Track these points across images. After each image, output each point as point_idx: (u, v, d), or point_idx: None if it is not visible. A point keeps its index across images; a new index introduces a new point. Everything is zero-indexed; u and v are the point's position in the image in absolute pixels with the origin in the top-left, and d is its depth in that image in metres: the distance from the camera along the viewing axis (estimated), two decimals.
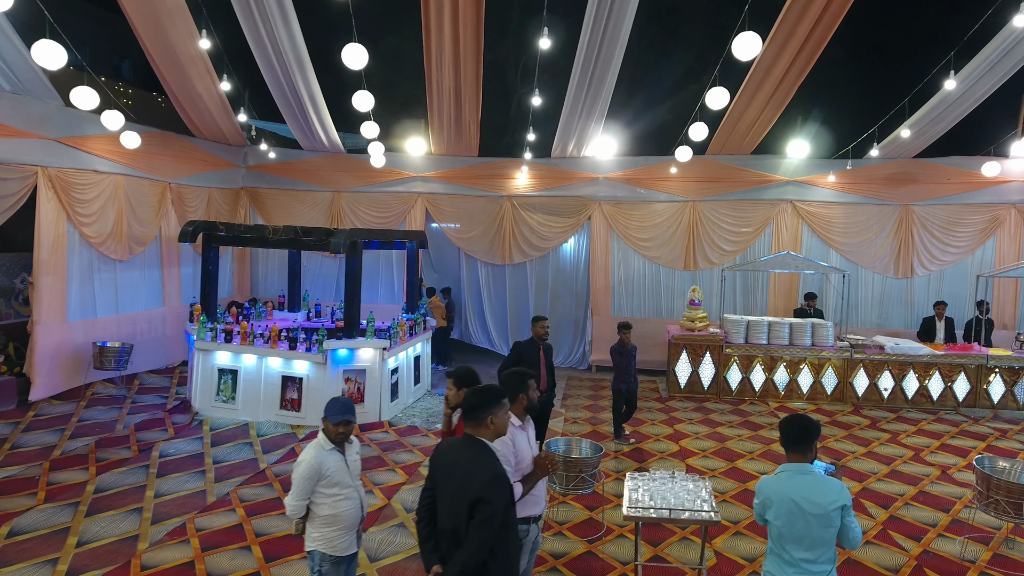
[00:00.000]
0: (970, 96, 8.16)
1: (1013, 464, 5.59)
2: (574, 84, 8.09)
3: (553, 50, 6.83)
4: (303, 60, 7.70)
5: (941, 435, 8.82)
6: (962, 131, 10.89)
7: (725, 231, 11.89)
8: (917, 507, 6.52)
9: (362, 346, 8.73)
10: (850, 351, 10.13)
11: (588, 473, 5.72)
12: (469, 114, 9.91)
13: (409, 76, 9.03)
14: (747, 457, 7.86)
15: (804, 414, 3.62)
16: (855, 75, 8.35)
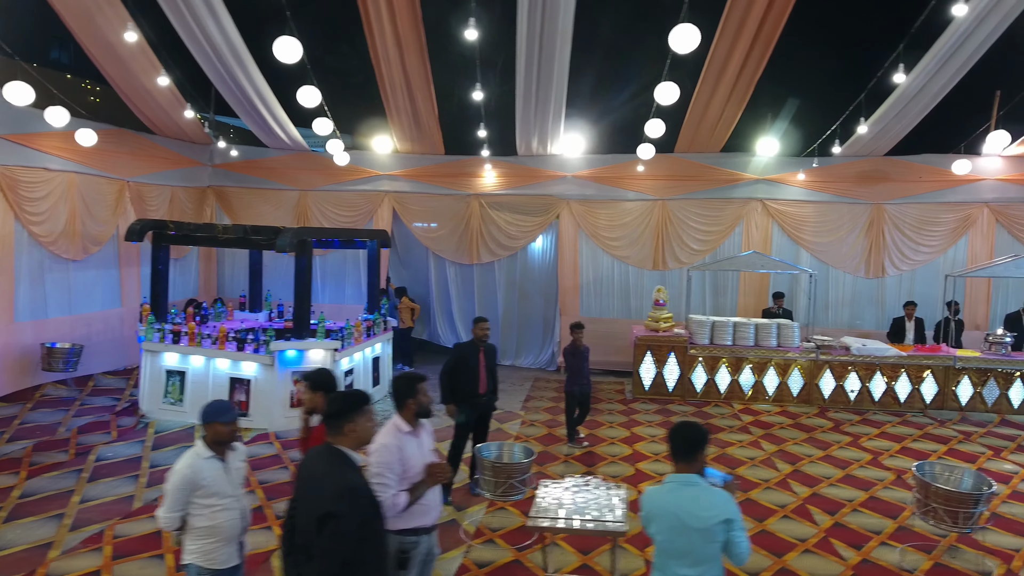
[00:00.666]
0: (929, 91, 7.97)
1: (953, 471, 5.42)
2: (520, 79, 7.90)
3: (501, 44, 6.68)
4: (240, 53, 7.51)
5: (903, 438, 8.64)
6: (934, 128, 10.71)
7: (694, 230, 11.72)
8: (866, 514, 6.34)
9: (312, 347, 8.56)
10: (816, 352, 9.95)
11: (518, 479, 5.54)
12: (425, 111, 9.73)
13: (370, 72, 8.83)
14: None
15: (692, 421, 3.44)
16: (816, 70, 8.15)
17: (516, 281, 12.57)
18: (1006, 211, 11.03)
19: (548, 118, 9.42)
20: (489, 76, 7.77)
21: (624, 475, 7.25)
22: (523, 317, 12.64)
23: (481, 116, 9.93)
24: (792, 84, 8.21)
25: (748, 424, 9.16)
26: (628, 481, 7.02)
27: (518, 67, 7.49)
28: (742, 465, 7.55)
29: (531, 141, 10.96)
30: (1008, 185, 11.00)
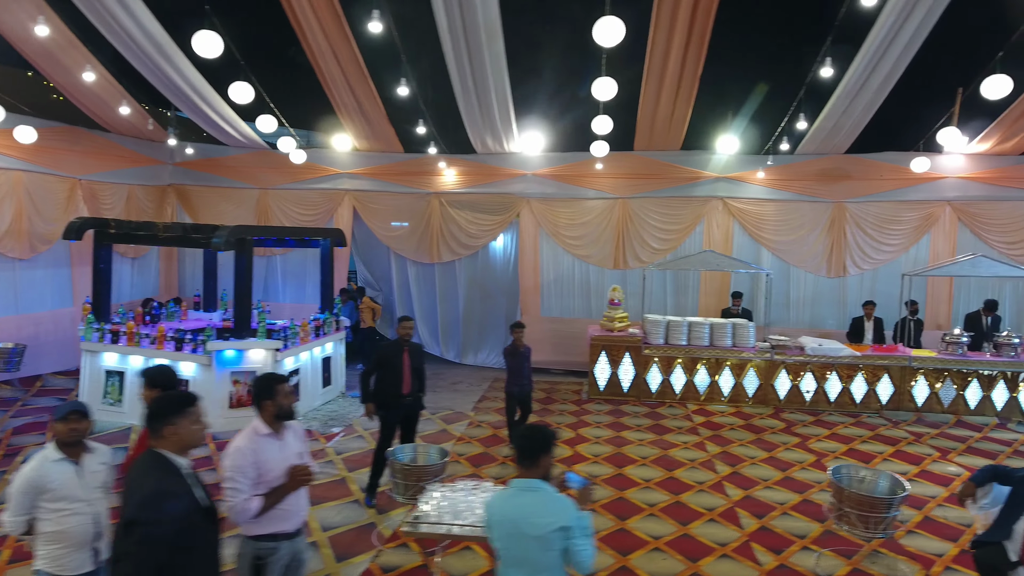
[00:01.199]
0: (871, 87, 7.81)
1: (873, 474, 5.29)
2: (454, 77, 7.75)
3: (426, 39, 6.58)
4: (164, 47, 7.36)
5: (853, 440, 8.51)
6: (895, 125, 10.58)
7: (655, 229, 11.59)
8: (795, 517, 6.22)
9: (252, 347, 8.45)
10: (771, 352, 9.82)
11: (429, 481, 5.42)
12: (371, 108, 9.58)
13: (311, 68, 8.70)
14: (638, 463, 7.56)
15: (537, 425, 3.32)
16: (757, 66, 8.00)
17: (478, 280, 12.46)
18: (968, 209, 10.89)
19: (494, 116, 9.29)
20: (425, 72, 7.64)
21: (485, 482, 7.11)
22: (485, 316, 12.53)
23: (428, 114, 9.81)
24: (737, 81, 8.06)
25: (698, 425, 9.04)
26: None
27: (448, 64, 7.36)
28: (681, 467, 7.43)
29: (485, 139, 10.84)
30: (970, 183, 10.86)
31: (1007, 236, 10.81)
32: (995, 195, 10.80)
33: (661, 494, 6.67)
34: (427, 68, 7.66)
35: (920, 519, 6.18)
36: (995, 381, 9.50)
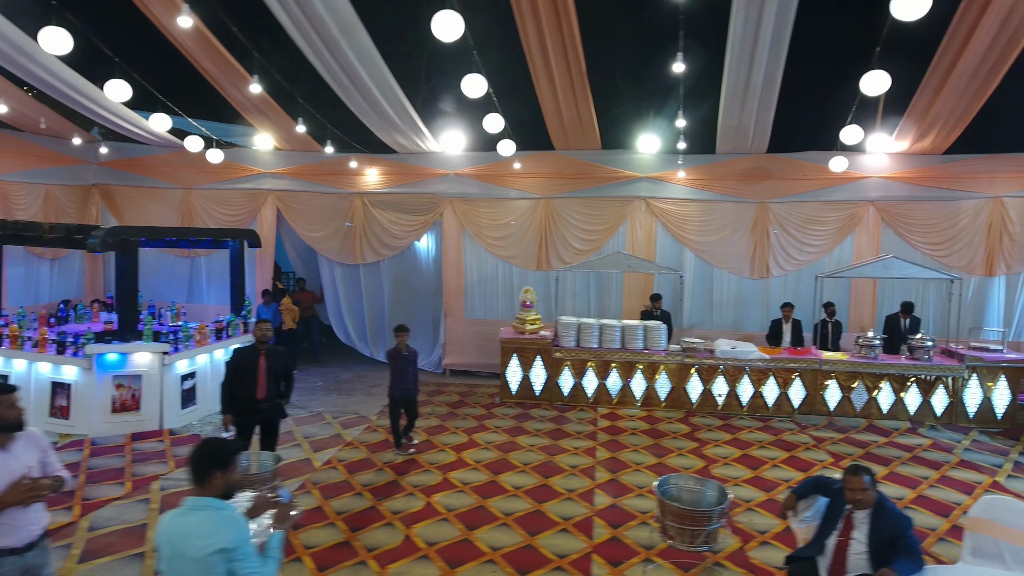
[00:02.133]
0: (755, 87, 7.61)
1: (700, 485, 5.11)
2: (325, 74, 7.56)
3: (276, 35, 6.42)
4: (18, 42, 7.13)
5: (751, 444, 8.33)
6: (817, 125, 10.40)
7: (578, 229, 11.42)
8: (652, 527, 6.03)
9: (137, 350, 8.29)
10: (681, 355, 9.64)
11: (257, 489, 5.25)
12: (264, 105, 9.37)
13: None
14: (518, 469, 7.38)
15: (213, 438, 3.13)
16: (640, 63, 7.82)
17: (405, 280, 12.31)
18: (891, 209, 10.71)
19: (387, 113, 9.10)
20: (298, 69, 7.45)
21: (430, 483, 6.96)
22: (412, 316, 12.33)
23: (321, 112, 9.64)
24: (629, 80, 7.89)
25: (601, 429, 8.87)
26: (431, 491, 6.74)
27: (312, 61, 7.16)
28: (560, 474, 7.26)
29: (395, 138, 10.67)
30: (893, 183, 10.68)
31: (930, 237, 10.63)
32: (918, 195, 10.62)
33: (524, 503, 6.50)
34: (288, 64, 7.47)
35: (782, 529, 6.00)
36: (908, 384, 9.32)
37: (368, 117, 9.29)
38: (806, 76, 8.13)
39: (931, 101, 7.95)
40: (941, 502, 6.67)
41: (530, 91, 8.68)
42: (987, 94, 7.68)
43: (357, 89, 7.91)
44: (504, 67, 8.00)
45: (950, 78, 7.21)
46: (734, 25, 6.21)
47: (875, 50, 6.56)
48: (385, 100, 8.43)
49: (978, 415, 9.26)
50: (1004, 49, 6.52)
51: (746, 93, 7.80)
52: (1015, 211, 10.36)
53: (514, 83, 8.31)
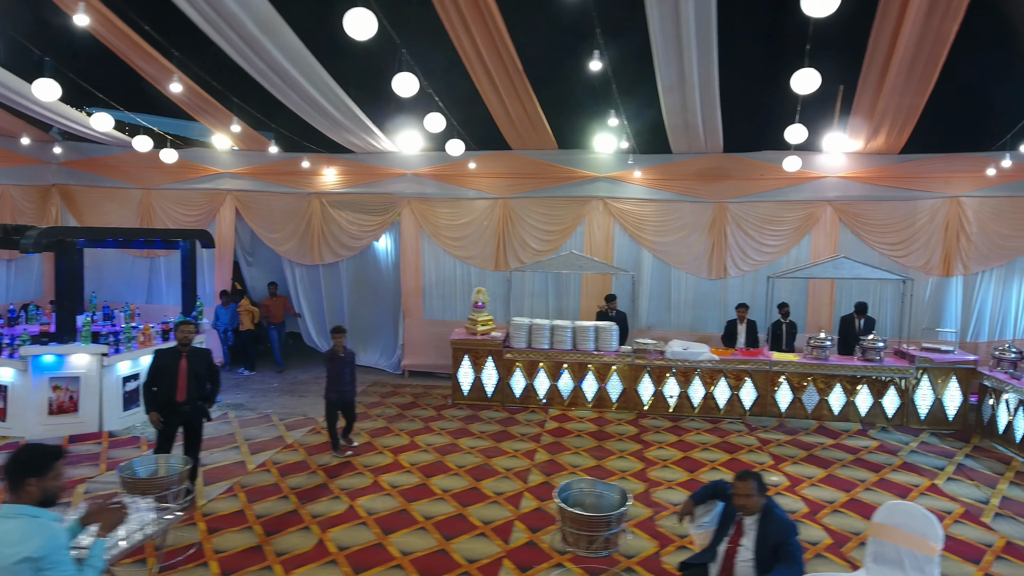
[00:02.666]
0: (691, 84, 7.50)
1: (606, 490, 5.03)
2: (255, 74, 7.48)
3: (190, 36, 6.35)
4: None
5: (694, 447, 8.26)
6: (774, 124, 10.28)
7: (535, 229, 11.35)
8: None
9: (75, 352, 8.22)
10: (632, 356, 9.57)
11: (158, 494, 5.18)
12: (201, 101, 9.27)
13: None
14: (452, 472, 7.31)
15: (32, 444, 3.04)
16: (577, 61, 7.70)
17: (365, 280, 12.24)
18: (848, 209, 10.63)
19: (330, 114, 9.01)
20: (226, 67, 7.36)
21: (358, 486, 6.89)
22: (372, 318, 12.31)
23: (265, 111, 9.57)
24: (568, 79, 7.80)
25: (547, 431, 8.80)
26: (362, 493, 6.68)
27: (237, 60, 7.07)
28: (492, 477, 7.18)
29: (347, 137, 10.59)
30: (851, 183, 10.60)
31: (887, 237, 10.55)
32: (874, 195, 10.54)
33: (449, 506, 6.43)
34: (214, 62, 7.37)
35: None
36: (859, 386, 9.24)
37: (311, 117, 9.21)
38: (750, 75, 8.02)
39: (875, 98, 7.87)
40: (872, 505, 6.56)
41: (474, 90, 8.60)
42: (928, 90, 7.58)
43: (292, 88, 7.83)
44: (448, 66, 7.91)
45: (888, 74, 7.13)
46: (652, 24, 6.13)
47: (805, 48, 6.47)
48: (325, 99, 8.35)
49: (929, 416, 9.18)
50: (935, 43, 6.41)
51: (683, 91, 7.72)
52: (972, 211, 10.28)
53: (455, 82, 8.22)
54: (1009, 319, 10.46)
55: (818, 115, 9.52)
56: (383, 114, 9.64)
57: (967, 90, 8.43)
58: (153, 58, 7.52)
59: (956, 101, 8.94)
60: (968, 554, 5.63)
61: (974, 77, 7.98)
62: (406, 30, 6.82)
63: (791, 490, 6.94)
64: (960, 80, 8.04)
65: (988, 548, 5.74)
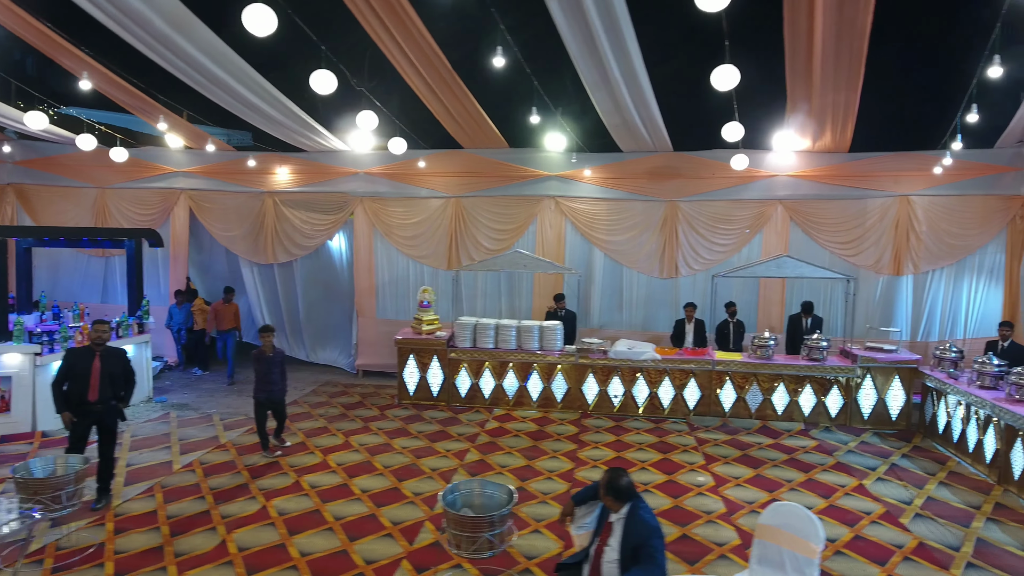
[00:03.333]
0: (615, 82, 7.43)
1: (496, 490, 4.97)
2: (175, 72, 7.42)
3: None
4: None
5: (629, 447, 8.20)
6: (721, 123, 10.23)
7: (488, 228, 11.30)
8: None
9: (6, 351, 8.17)
10: (576, 356, 9.52)
11: (50, 495, 5.14)
12: (138, 101, 9.22)
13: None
14: (376, 472, 7.25)
15: None
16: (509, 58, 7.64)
17: (320, 280, 12.20)
18: (799, 208, 10.58)
19: (264, 111, 8.95)
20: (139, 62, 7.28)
21: (278, 486, 6.84)
22: (328, 317, 12.27)
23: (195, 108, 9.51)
24: (495, 76, 7.72)
25: (486, 431, 8.75)
26: (280, 493, 6.63)
27: (152, 58, 7.01)
28: (416, 477, 7.13)
29: (294, 136, 10.54)
30: (801, 181, 10.55)
31: (838, 236, 10.50)
32: (825, 194, 10.49)
33: (363, 506, 6.38)
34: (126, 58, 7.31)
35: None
36: (802, 385, 9.18)
37: (248, 115, 9.16)
38: (680, 72, 7.96)
39: (807, 95, 7.80)
40: None
41: (410, 89, 8.55)
42: (858, 85, 7.50)
43: (218, 86, 7.78)
44: (377, 64, 7.86)
45: (813, 69, 7.06)
46: (556, 20, 6.06)
47: (724, 44, 6.43)
48: (257, 97, 8.30)
49: (873, 416, 9.13)
50: (853, 35, 6.27)
51: (610, 89, 7.65)
52: (922, 210, 10.23)
53: (390, 81, 8.17)
54: (959, 318, 10.41)
55: (763, 113, 9.49)
56: (325, 113, 9.59)
57: (904, 87, 8.38)
58: (79, 57, 7.48)
59: (897, 98, 8.91)
60: (876, 555, 5.58)
61: (907, 72, 7.93)
62: (323, 27, 6.78)
63: (714, 490, 6.89)
64: (894, 76, 8.00)
65: (898, 549, 5.68)
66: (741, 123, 8.81)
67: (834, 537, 5.87)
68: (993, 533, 6.02)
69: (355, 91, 8.11)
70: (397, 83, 8.23)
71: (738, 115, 8.50)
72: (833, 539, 5.84)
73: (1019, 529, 6.12)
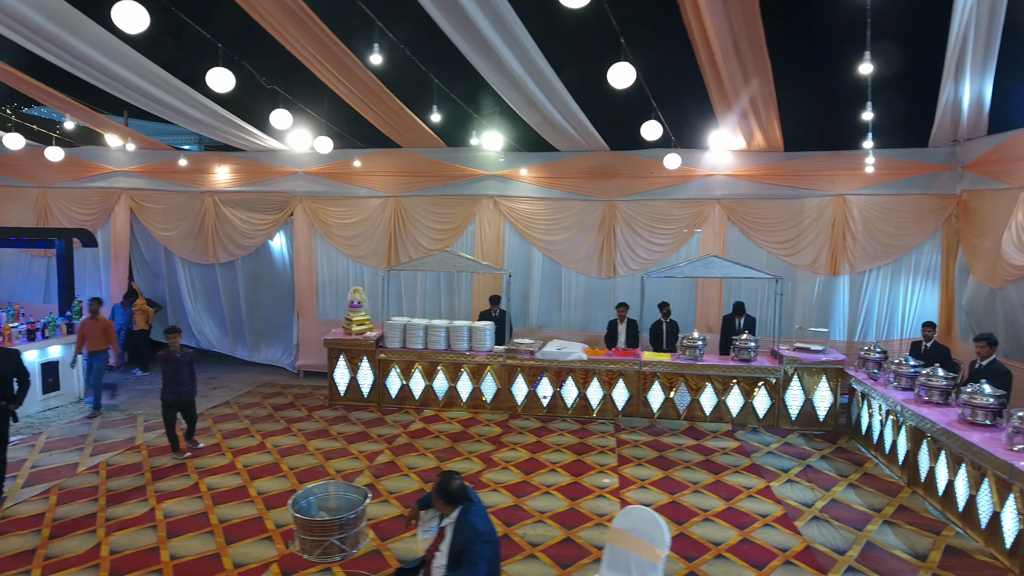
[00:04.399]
0: (520, 81, 7.34)
1: (355, 493, 4.91)
2: (73, 70, 7.34)
3: None
4: None
5: (546, 449, 8.13)
6: (665, 122, 10.16)
7: (427, 228, 11.23)
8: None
9: None
10: (504, 356, 9.45)
11: None
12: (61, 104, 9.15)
13: None
14: (279, 475, 7.18)
15: None
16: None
17: (262, 280, 12.11)
18: (736, 207, 10.51)
19: (181, 110, 8.88)
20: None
21: (175, 488, 6.77)
22: (269, 317, 12.19)
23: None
24: (408, 74, 7.64)
25: (408, 432, 8.68)
26: (174, 496, 6.56)
27: (44, 56, 6.92)
28: (321, 479, 7.05)
29: (229, 137, 10.47)
30: (738, 181, 10.48)
31: (775, 236, 10.43)
32: (761, 193, 10.42)
33: (252, 509, 6.31)
34: None
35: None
36: (730, 386, 9.12)
37: (167, 114, 9.09)
38: (592, 72, 7.86)
39: (722, 87, 7.71)
40: (691, 510, 6.47)
41: (325, 87, 8.47)
42: (769, 77, 7.40)
43: (120, 83, 7.70)
44: (289, 63, 7.78)
45: (716, 62, 6.97)
46: (436, 19, 5.99)
47: (620, 42, 6.36)
48: (169, 96, 8.22)
49: (801, 417, 9.06)
50: (747, 23, 6.16)
51: (515, 85, 7.56)
52: (857, 209, 10.16)
53: (303, 79, 8.10)
54: (897, 318, 10.34)
55: (696, 111, 9.41)
56: (242, 111, 9.50)
57: (820, 80, 8.26)
58: None
59: (817, 94, 8.79)
60: (757, 559, 5.51)
61: (814, 64, 7.82)
62: (220, 24, 6.71)
63: (616, 493, 6.83)
64: (804, 68, 7.90)
65: (782, 553, 5.61)
66: (668, 122, 8.76)
67: (720, 540, 5.81)
68: (885, 536, 5.95)
69: (268, 89, 8.04)
70: (314, 84, 8.16)
71: (664, 114, 8.43)
72: (719, 542, 5.78)
73: (913, 532, 6.05)
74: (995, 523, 5.60)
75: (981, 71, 6.91)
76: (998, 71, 7.21)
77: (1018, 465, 5.14)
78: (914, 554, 5.64)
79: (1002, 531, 5.50)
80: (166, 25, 6.89)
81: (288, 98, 8.31)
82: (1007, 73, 7.51)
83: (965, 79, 7.05)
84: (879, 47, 6.88)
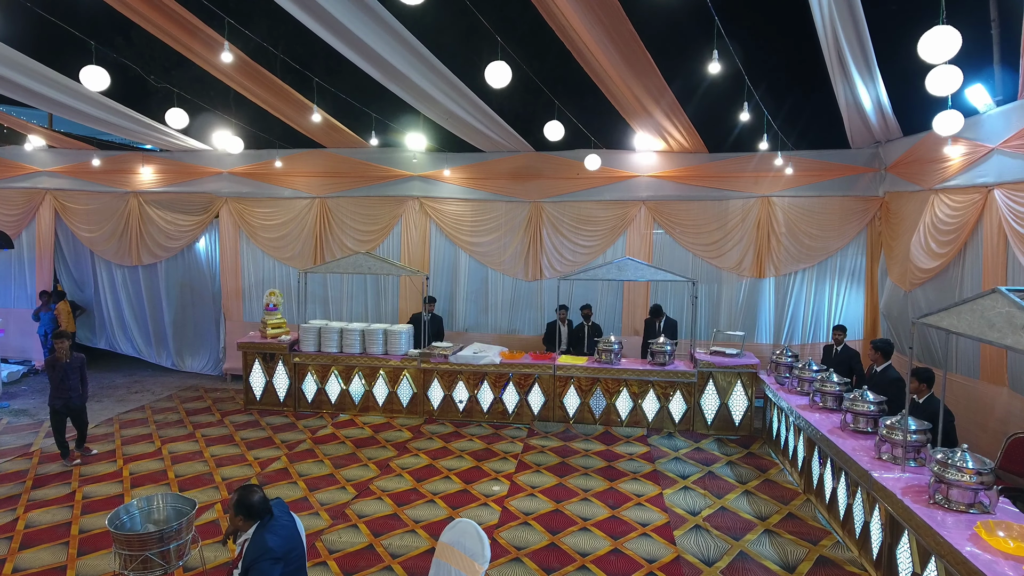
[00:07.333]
0: (404, 78, 7.20)
1: (181, 504, 4.75)
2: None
3: None
4: None
5: (448, 455, 8.00)
6: (591, 123, 10.05)
7: (353, 229, 11.08)
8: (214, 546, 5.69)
9: None
10: (418, 360, 9.31)
11: None
12: None
13: None
14: (162, 483, 7.02)
15: None
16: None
17: (188, 282, 11.90)
18: (661, 209, 10.41)
19: (79, 110, 8.70)
20: None
21: (50, 497, 6.60)
22: (198, 320, 11.99)
23: None
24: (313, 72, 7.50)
25: (315, 438, 8.53)
26: (46, 504, 6.39)
27: None
28: (206, 486, 6.90)
29: (159, 138, 10.29)
30: (663, 182, 10.38)
31: (700, 238, 10.34)
32: (686, 194, 10.32)
33: None
34: None
35: (365, 546, 5.66)
36: (646, 390, 9.01)
37: (64, 112, 8.90)
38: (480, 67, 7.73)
39: (624, 90, 7.59)
40: (572, 518, 6.34)
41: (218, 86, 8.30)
42: (658, 73, 7.26)
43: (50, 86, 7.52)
44: (179, 59, 7.62)
45: (599, 59, 6.83)
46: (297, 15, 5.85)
47: (498, 41, 6.23)
48: (60, 92, 8.04)
49: (717, 421, 8.96)
50: (610, 15, 6.04)
51: (410, 86, 7.42)
52: (781, 211, 10.07)
53: (200, 76, 7.94)
54: (822, 321, 10.26)
55: (614, 111, 9.28)
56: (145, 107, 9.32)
57: (712, 82, 8.14)
58: None
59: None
60: (621, 570, 5.39)
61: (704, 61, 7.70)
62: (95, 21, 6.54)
63: (500, 501, 6.70)
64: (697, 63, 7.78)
65: (648, 564, 5.50)
66: (582, 123, 8.64)
67: (589, 551, 5.69)
68: (760, 547, 5.84)
69: (159, 87, 7.86)
70: (214, 82, 7.99)
71: (573, 114, 8.32)
72: (586, 553, 5.66)
73: (791, 542, 5.95)
74: (867, 533, 5.51)
75: (867, 70, 6.79)
76: (896, 73, 7.12)
77: (876, 476, 5.04)
78: (784, 565, 5.53)
79: (871, 541, 5.41)
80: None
81: (185, 96, 8.14)
82: (912, 74, 7.42)
83: (854, 79, 6.94)
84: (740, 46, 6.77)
